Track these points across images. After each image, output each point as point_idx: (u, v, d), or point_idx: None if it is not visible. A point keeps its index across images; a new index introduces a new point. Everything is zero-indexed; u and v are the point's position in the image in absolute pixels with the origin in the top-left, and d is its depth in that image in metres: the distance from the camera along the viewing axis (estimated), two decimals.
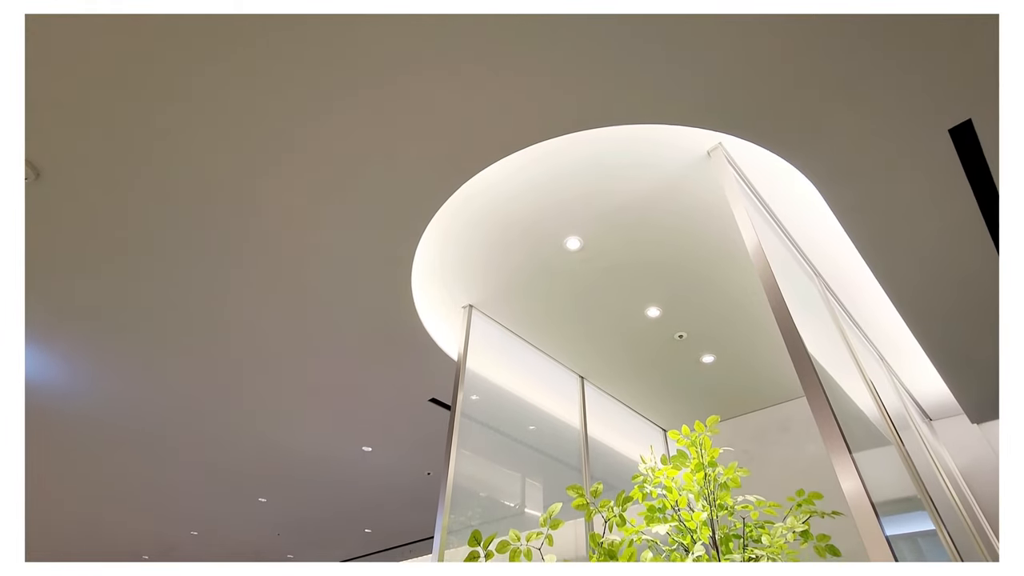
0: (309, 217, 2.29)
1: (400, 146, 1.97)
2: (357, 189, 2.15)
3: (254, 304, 2.79)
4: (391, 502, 5.34)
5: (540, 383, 3.06)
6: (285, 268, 2.56)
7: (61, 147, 1.99)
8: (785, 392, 3.21)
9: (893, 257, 2.27)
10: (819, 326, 2.12)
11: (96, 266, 2.54)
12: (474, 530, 1.45)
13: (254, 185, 2.15)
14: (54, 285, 2.65)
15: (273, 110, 1.87)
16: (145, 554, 7.84)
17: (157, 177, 2.12)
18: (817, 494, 1.92)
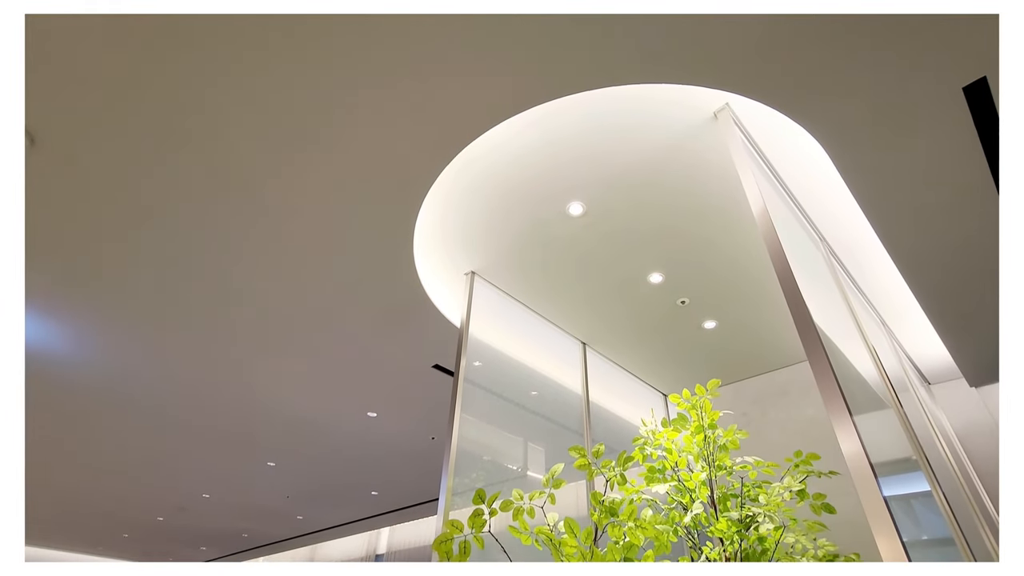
0: (311, 186, 2.27)
1: (400, 110, 1.93)
2: (358, 156, 2.11)
3: (258, 272, 2.80)
4: (397, 466, 5.48)
5: (542, 349, 3.08)
6: (288, 237, 2.56)
7: (57, 112, 1.96)
8: (785, 357, 3.23)
9: (899, 220, 2.24)
10: (822, 290, 2.11)
11: (101, 235, 2.53)
12: (478, 489, 1.48)
13: (254, 156, 2.13)
14: (63, 256, 2.65)
15: (272, 74, 1.82)
16: (160, 515, 8.10)
17: (159, 145, 2.09)
18: (814, 455, 1.96)
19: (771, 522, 1.74)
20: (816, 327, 1.73)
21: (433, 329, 3.19)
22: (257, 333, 3.33)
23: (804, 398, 3.06)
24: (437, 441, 4.65)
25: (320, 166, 2.19)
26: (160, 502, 7.40)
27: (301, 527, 8.39)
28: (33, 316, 3.18)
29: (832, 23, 1.61)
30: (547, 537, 1.47)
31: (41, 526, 9.01)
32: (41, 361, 3.65)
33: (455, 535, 1.47)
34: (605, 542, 1.57)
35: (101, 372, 3.81)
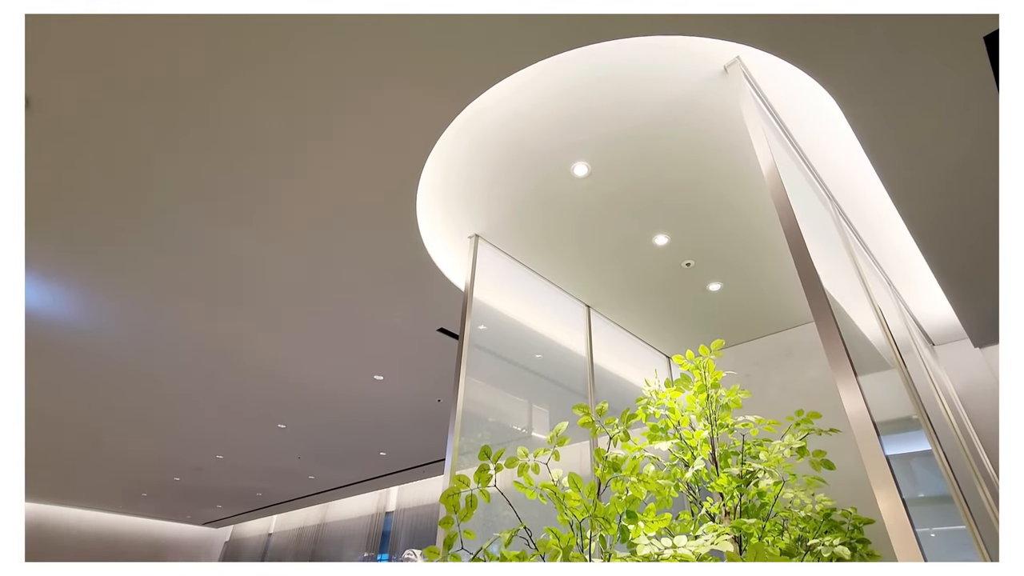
0: (313, 152, 2.24)
1: (400, 68, 1.87)
2: (359, 120, 2.07)
3: (263, 239, 2.81)
4: (404, 427, 5.60)
5: (546, 312, 3.09)
6: (293, 204, 2.55)
7: (54, 75, 1.91)
8: (789, 319, 3.23)
9: (912, 177, 2.19)
10: (830, 251, 2.09)
11: (107, 200, 2.52)
12: (484, 445, 1.51)
13: (254, 116, 2.09)
14: (71, 224, 2.65)
15: (272, 34, 1.77)
16: (176, 475, 8.37)
17: (160, 111, 2.05)
18: (816, 414, 1.98)
19: (771, 477, 1.77)
20: (823, 288, 1.72)
21: (438, 293, 3.20)
22: (263, 299, 3.35)
23: (807, 360, 3.07)
24: (443, 403, 4.74)
25: (321, 132, 2.15)
26: (176, 463, 7.64)
27: (313, 486, 8.66)
28: (42, 283, 3.21)
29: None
30: (551, 491, 1.51)
31: (64, 486, 9.36)
32: (54, 328, 3.71)
33: (462, 489, 1.51)
34: (608, 496, 1.61)
35: (112, 339, 3.88)
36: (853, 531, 2.03)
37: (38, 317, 3.59)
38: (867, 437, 1.37)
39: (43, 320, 3.63)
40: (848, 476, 2.39)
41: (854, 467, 2.45)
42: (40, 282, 3.22)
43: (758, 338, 3.39)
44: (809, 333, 3.18)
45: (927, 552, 1.14)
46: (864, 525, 2.08)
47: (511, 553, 1.50)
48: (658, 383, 2.20)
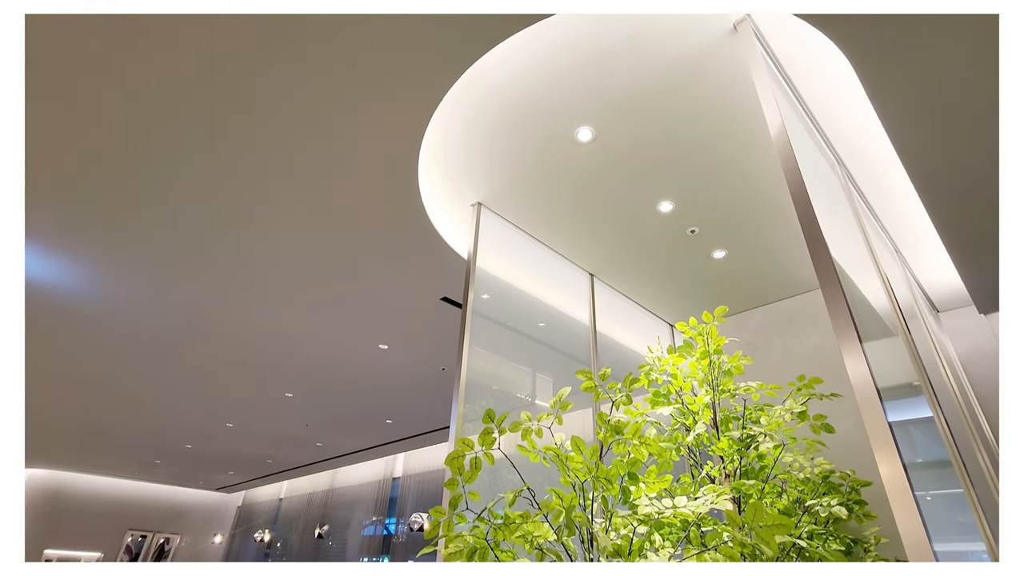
0: (314, 120, 2.21)
1: (397, 34, 1.82)
2: (358, 83, 2.03)
3: (268, 210, 2.82)
4: (409, 395, 5.68)
5: (550, 281, 3.08)
6: (294, 173, 2.53)
7: (56, 41, 1.87)
8: (792, 287, 3.22)
9: (925, 140, 2.14)
10: (838, 216, 2.06)
11: (109, 172, 2.50)
12: (488, 409, 1.53)
13: (254, 82, 2.06)
14: (89, 195, 2.63)
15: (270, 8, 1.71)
16: (188, 443, 8.57)
17: (163, 78, 2.01)
18: (817, 379, 1.99)
19: (771, 441, 1.80)
20: (830, 254, 1.70)
21: (441, 262, 3.19)
22: (268, 270, 3.37)
23: (810, 327, 3.07)
24: (447, 372, 4.79)
25: (321, 102, 2.12)
26: (187, 431, 7.81)
27: (321, 453, 8.87)
28: (48, 254, 3.22)
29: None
30: (555, 454, 1.54)
31: (80, 454, 9.61)
32: (61, 299, 3.74)
33: (466, 452, 1.54)
34: (610, 459, 1.64)
35: (119, 311, 3.92)
36: (851, 493, 2.07)
37: (44, 288, 3.62)
38: (870, 403, 1.37)
39: (50, 290, 3.66)
40: (847, 441, 2.42)
41: (853, 432, 2.47)
42: (46, 253, 3.23)
43: (761, 306, 3.39)
44: (812, 300, 3.17)
45: (925, 516, 1.16)
46: (862, 487, 2.12)
47: (515, 513, 1.53)
48: (661, 350, 2.21)
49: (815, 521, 1.90)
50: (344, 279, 3.46)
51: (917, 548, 1.13)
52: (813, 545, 1.72)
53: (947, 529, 1.79)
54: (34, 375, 5.50)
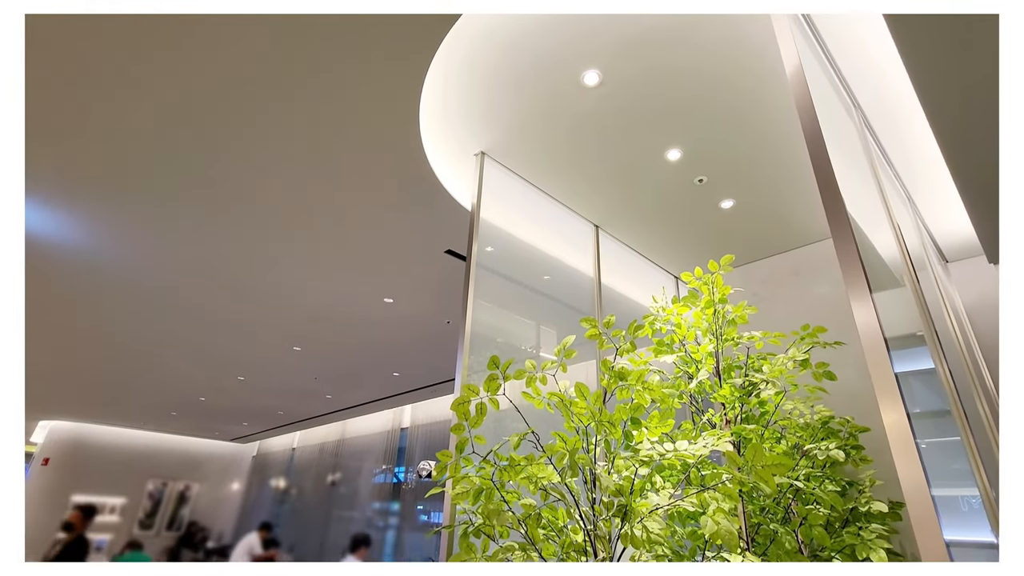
0: (312, 69, 2.15)
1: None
2: (355, 31, 1.94)
3: (268, 162, 2.77)
4: (415, 348, 5.77)
5: (554, 233, 3.05)
6: (294, 123, 2.49)
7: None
8: (799, 237, 3.18)
9: (949, 85, 2.05)
10: (851, 162, 2.00)
11: (109, 125, 2.45)
12: (493, 355, 1.54)
13: (252, 38, 1.99)
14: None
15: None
16: (202, 396, 8.81)
17: (162, 34, 1.93)
18: (821, 328, 1.99)
19: (773, 387, 1.82)
20: (843, 201, 1.67)
21: (445, 213, 3.16)
22: (272, 224, 3.35)
23: (815, 277, 3.05)
24: (452, 325, 4.84)
25: (319, 49, 2.04)
26: (199, 384, 8.01)
27: (331, 405, 9.11)
28: (51, 207, 3.21)
29: None
30: (559, 399, 1.56)
31: (97, 406, 9.92)
32: (68, 253, 3.75)
33: (472, 398, 1.56)
34: (613, 406, 1.67)
35: (128, 266, 3.94)
36: (849, 438, 2.11)
37: (47, 241, 3.63)
38: (876, 352, 1.37)
39: (54, 244, 3.67)
40: (847, 389, 2.45)
41: (854, 381, 2.50)
42: (46, 207, 3.22)
43: (766, 257, 3.36)
44: (819, 251, 3.13)
45: (925, 463, 1.18)
46: (860, 433, 2.16)
47: (520, 456, 1.58)
48: (665, 299, 2.21)
49: (812, 465, 1.95)
50: (349, 232, 3.45)
51: (916, 493, 1.15)
52: (810, 487, 1.77)
53: (945, 476, 1.83)
54: (46, 328, 5.60)
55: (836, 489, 1.85)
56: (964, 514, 1.98)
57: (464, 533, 1.53)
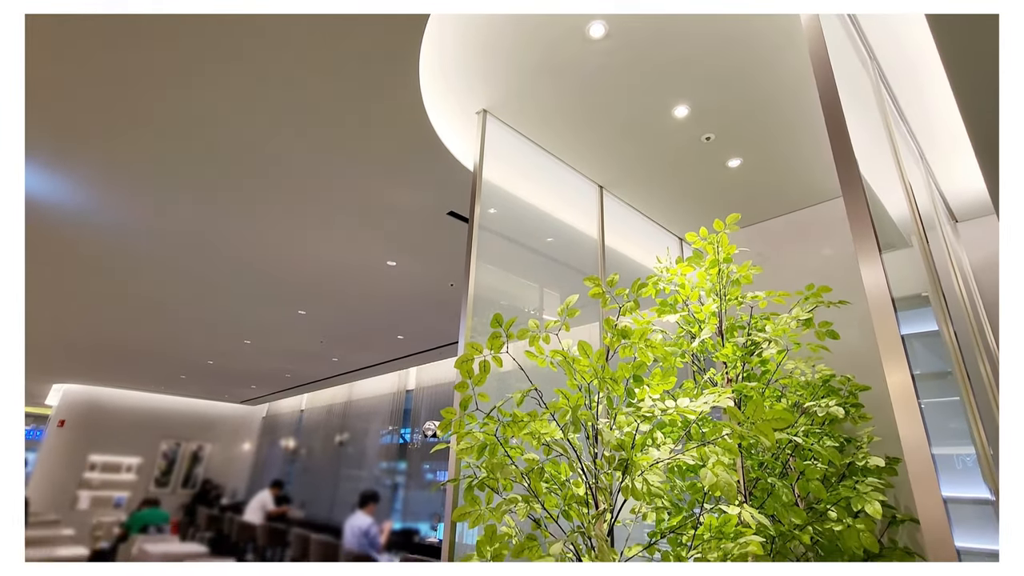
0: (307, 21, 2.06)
1: None
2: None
3: (267, 122, 2.73)
4: (419, 311, 5.80)
5: (558, 194, 3.01)
6: (292, 81, 2.43)
7: None
8: (806, 197, 3.12)
9: (972, 38, 1.96)
10: (865, 117, 1.95)
11: (108, 88, 2.39)
12: (496, 314, 1.55)
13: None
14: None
15: None
16: (210, 359, 8.95)
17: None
18: (826, 287, 1.98)
19: (775, 346, 1.82)
20: (855, 158, 1.63)
21: (447, 174, 3.11)
22: (273, 186, 3.33)
23: (822, 238, 3.02)
24: (456, 287, 4.85)
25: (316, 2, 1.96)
26: (207, 348, 8.13)
27: (337, 368, 9.25)
28: (52, 172, 3.18)
29: None
30: (562, 356, 1.57)
31: (110, 369, 10.11)
32: (64, 216, 3.74)
33: (475, 355, 1.57)
34: (616, 364, 1.68)
35: (125, 228, 3.94)
36: (849, 396, 2.13)
37: (46, 206, 3.61)
38: (883, 313, 1.36)
39: (51, 209, 3.65)
40: (849, 349, 2.45)
41: (857, 341, 2.51)
42: (49, 169, 3.19)
43: (772, 218, 3.32)
44: (826, 211, 3.09)
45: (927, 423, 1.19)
46: (860, 391, 2.18)
47: (522, 413, 1.60)
48: (670, 260, 2.19)
49: (812, 422, 1.98)
50: (350, 194, 3.41)
51: (917, 452, 1.17)
52: (809, 442, 1.80)
53: (942, 435, 1.85)
54: (54, 293, 5.65)
55: (834, 445, 1.88)
56: (958, 471, 2.02)
57: (469, 486, 1.57)
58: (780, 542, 1.76)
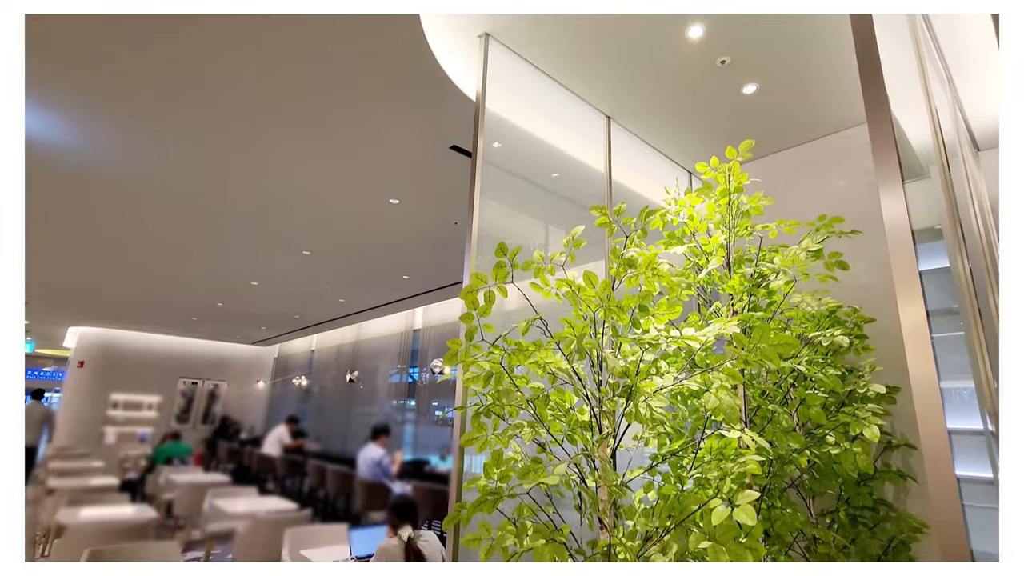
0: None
1: None
2: None
3: (264, 59, 2.64)
4: (423, 251, 5.79)
5: (564, 126, 2.90)
6: (292, 18, 2.34)
7: None
8: (824, 126, 2.99)
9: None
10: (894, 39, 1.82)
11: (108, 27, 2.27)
12: (500, 243, 1.52)
13: None
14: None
15: None
16: (219, 301, 9.07)
17: None
18: (838, 218, 1.93)
19: (783, 276, 1.80)
20: (883, 80, 1.55)
21: (449, 106, 3.00)
22: (274, 124, 3.25)
23: (837, 169, 2.92)
24: (460, 226, 4.80)
25: None
26: (216, 290, 8.22)
27: (344, 309, 9.37)
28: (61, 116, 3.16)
29: None
30: (567, 285, 1.56)
31: (122, 312, 10.31)
32: (64, 157, 3.67)
33: (480, 286, 1.57)
34: (622, 296, 1.67)
35: (127, 170, 3.90)
36: (854, 328, 2.14)
37: (49, 146, 3.53)
38: (902, 246, 1.32)
39: (53, 150, 3.58)
40: (856, 282, 2.43)
41: (864, 274, 2.48)
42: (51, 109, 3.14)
43: (787, 148, 3.20)
44: (842, 141, 2.97)
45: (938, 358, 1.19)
46: (865, 323, 2.18)
47: (527, 343, 1.61)
48: (678, 191, 2.14)
49: (815, 352, 1.99)
50: (348, 129, 3.31)
51: (925, 386, 1.17)
52: (812, 371, 1.81)
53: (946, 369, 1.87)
54: (61, 235, 5.66)
55: (837, 374, 1.90)
56: (956, 404, 2.06)
57: (476, 414, 1.60)
58: (778, 465, 1.82)
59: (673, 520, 1.34)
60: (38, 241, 5.78)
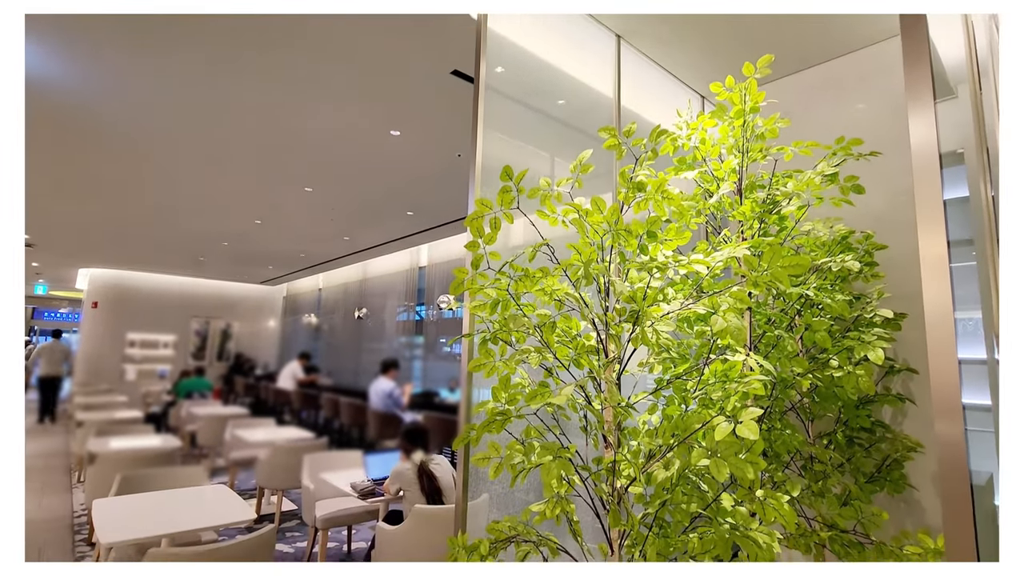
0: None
1: None
2: None
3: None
4: (426, 185, 5.69)
5: (572, 46, 2.74)
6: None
7: None
8: (844, 43, 2.80)
9: None
10: None
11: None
12: (505, 166, 1.48)
13: None
14: None
15: None
16: (224, 241, 9.08)
17: None
18: (857, 140, 1.86)
19: (797, 200, 1.76)
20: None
21: (449, 25, 2.83)
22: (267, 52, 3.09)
23: (857, 90, 2.78)
24: (464, 159, 4.68)
25: None
26: (220, 229, 8.21)
27: (349, 247, 9.36)
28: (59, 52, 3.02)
29: None
30: (575, 210, 1.53)
31: (130, 254, 10.37)
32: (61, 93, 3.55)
33: (485, 212, 1.54)
34: (630, 219, 1.64)
35: (131, 110, 3.77)
36: (865, 255, 2.11)
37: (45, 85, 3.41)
38: (928, 171, 1.26)
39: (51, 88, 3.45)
40: (869, 209, 2.38)
41: (879, 200, 2.42)
42: (47, 46, 3.00)
43: (802, 70, 3.03)
44: (862, 60, 2.80)
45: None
46: (877, 251, 2.15)
47: (534, 270, 1.60)
48: (690, 114, 2.05)
49: (824, 278, 1.98)
50: (347, 53, 3.15)
51: (941, 317, 1.16)
52: (821, 296, 1.81)
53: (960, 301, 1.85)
54: (65, 178, 5.59)
55: (845, 299, 1.90)
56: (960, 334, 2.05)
57: (483, 341, 1.63)
58: (780, 388, 1.86)
59: (676, 438, 1.38)
60: (40, 180, 5.72)
